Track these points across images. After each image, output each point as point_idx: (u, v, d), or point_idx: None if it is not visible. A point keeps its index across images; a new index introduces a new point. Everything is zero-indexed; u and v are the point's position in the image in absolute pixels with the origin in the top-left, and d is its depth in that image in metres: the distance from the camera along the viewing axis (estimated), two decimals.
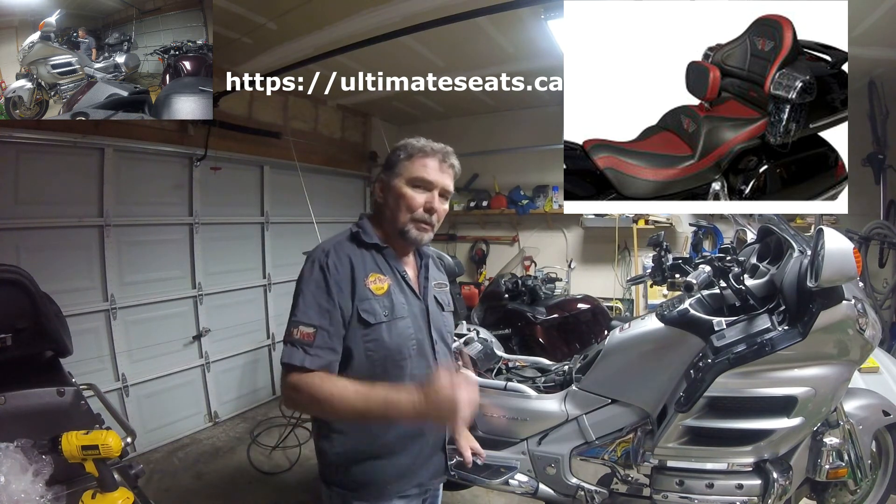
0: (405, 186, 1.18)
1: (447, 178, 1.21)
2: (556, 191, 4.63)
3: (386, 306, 1.16)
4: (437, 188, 1.19)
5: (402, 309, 1.18)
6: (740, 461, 1.71)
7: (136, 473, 1.23)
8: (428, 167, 1.19)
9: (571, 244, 4.73)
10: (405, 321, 1.18)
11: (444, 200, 1.23)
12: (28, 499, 1.10)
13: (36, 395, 1.33)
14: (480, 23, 2.73)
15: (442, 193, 1.21)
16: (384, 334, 1.15)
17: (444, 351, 1.28)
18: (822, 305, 1.55)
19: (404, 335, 1.18)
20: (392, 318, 1.16)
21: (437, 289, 1.32)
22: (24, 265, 1.60)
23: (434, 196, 1.19)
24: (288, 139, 3.84)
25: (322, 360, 1.08)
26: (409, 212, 1.18)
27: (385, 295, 1.17)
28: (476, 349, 2.47)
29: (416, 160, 1.19)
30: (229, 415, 3.70)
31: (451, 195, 1.25)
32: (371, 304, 1.14)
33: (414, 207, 1.18)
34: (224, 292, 3.68)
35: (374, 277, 1.17)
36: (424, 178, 1.18)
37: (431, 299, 1.27)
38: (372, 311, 1.14)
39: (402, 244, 1.23)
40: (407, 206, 1.18)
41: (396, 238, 1.21)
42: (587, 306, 3.39)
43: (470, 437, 1.50)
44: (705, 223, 3.56)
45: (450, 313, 1.34)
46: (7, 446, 1.14)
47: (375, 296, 1.15)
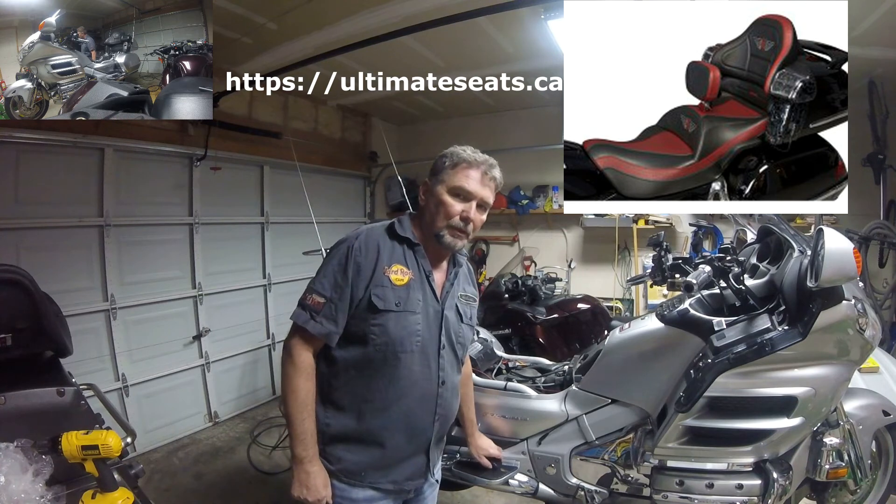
0: (446, 194, 1.23)
1: (487, 191, 1.26)
2: (556, 191, 4.63)
3: (400, 297, 1.20)
4: (475, 199, 1.24)
5: (415, 304, 1.21)
6: (740, 461, 1.71)
7: (136, 473, 1.23)
8: (470, 178, 1.23)
9: (571, 244, 4.73)
10: (415, 316, 1.21)
11: (483, 211, 1.27)
12: (28, 499, 1.10)
13: (36, 395, 1.33)
14: (480, 23, 2.73)
15: (480, 204, 1.25)
16: (390, 322, 1.18)
17: (450, 357, 1.28)
18: (822, 305, 1.55)
19: (410, 329, 1.20)
20: (403, 310, 1.19)
21: (463, 300, 1.34)
22: (24, 265, 1.59)
23: (472, 206, 1.23)
24: (288, 139, 3.83)
25: (323, 328, 1.17)
26: (447, 218, 1.23)
27: (403, 287, 1.21)
28: (476, 349, 2.47)
29: (460, 170, 1.23)
30: (229, 415, 3.70)
31: (490, 206, 1.29)
32: (385, 291, 1.19)
33: (451, 215, 1.22)
34: (224, 292, 3.68)
35: (397, 268, 1.21)
36: (464, 188, 1.22)
37: (452, 307, 1.29)
38: (383, 298, 1.18)
39: (435, 247, 1.27)
40: (445, 213, 1.23)
41: (431, 240, 1.26)
42: (587, 306, 3.39)
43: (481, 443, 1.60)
44: (705, 223, 3.56)
45: (469, 326, 1.35)
46: (7, 446, 1.14)
47: (393, 285, 1.20)
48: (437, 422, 1.27)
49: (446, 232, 1.23)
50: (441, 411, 1.27)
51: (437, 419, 1.27)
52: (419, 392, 1.23)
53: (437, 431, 1.29)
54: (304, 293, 1.21)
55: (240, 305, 3.83)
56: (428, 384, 1.24)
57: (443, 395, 1.26)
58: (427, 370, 1.23)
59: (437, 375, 1.25)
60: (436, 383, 1.25)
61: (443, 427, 1.31)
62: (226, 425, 3.59)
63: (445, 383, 1.27)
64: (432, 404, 1.25)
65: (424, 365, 1.23)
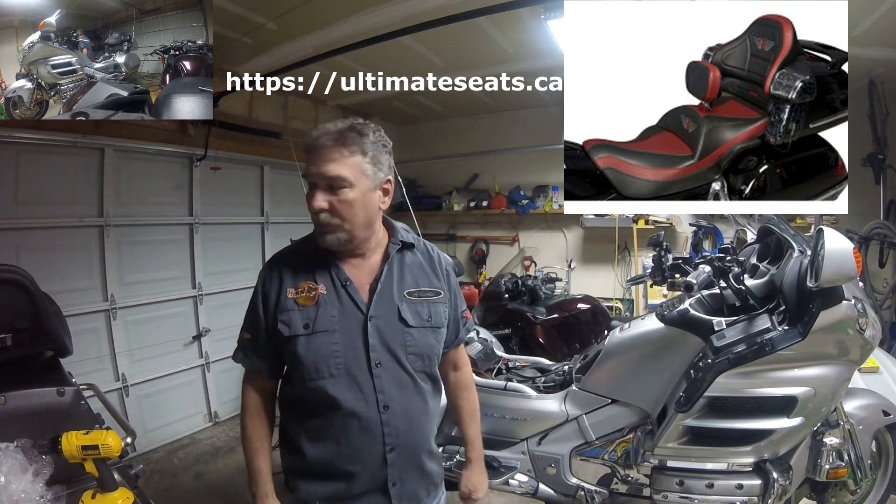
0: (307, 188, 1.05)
1: (325, 163, 1.00)
2: (556, 191, 4.63)
3: (308, 318, 1.04)
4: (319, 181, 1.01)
5: (327, 322, 1.04)
6: (740, 461, 1.71)
7: (137, 473, 1.23)
8: (311, 159, 1.02)
9: (571, 244, 4.73)
10: (328, 335, 1.04)
11: (340, 190, 1.01)
12: (28, 499, 1.10)
13: (36, 395, 1.32)
14: (480, 23, 2.72)
15: (328, 185, 1.01)
16: (300, 348, 1.04)
17: (394, 378, 1.07)
18: (822, 305, 1.55)
19: (323, 351, 1.04)
20: (312, 332, 1.04)
21: (414, 298, 1.11)
22: (24, 265, 1.59)
23: (315, 192, 1.02)
24: (288, 139, 3.83)
25: (253, 364, 1.13)
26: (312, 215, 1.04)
27: (311, 307, 1.05)
28: (476, 349, 2.47)
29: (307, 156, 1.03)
30: (229, 415, 3.69)
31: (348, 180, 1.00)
32: (290, 315, 1.05)
33: (310, 209, 1.04)
34: (224, 292, 3.68)
35: (303, 286, 1.06)
36: (308, 174, 1.03)
37: (391, 311, 1.08)
38: (289, 323, 1.05)
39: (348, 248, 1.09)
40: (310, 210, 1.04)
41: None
42: (587, 306, 3.39)
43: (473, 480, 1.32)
44: (705, 223, 3.55)
45: (423, 329, 1.11)
46: (7, 446, 1.14)
47: (300, 307, 1.05)
48: (389, 453, 1.06)
49: (318, 231, 1.06)
50: (391, 441, 1.05)
51: (389, 450, 1.06)
52: (355, 423, 1.04)
53: (398, 465, 1.07)
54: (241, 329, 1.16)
55: (240, 305, 3.74)
56: (365, 411, 1.04)
57: (388, 422, 1.05)
58: (359, 394, 1.04)
59: (375, 399, 1.04)
60: (376, 410, 1.04)
61: (407, 460, 1.09)
62: (226, 425, 3.59)
63: (390, 407, 1.05)
64: (377, 436, 1.05)
65: (354, 390, 1.04)
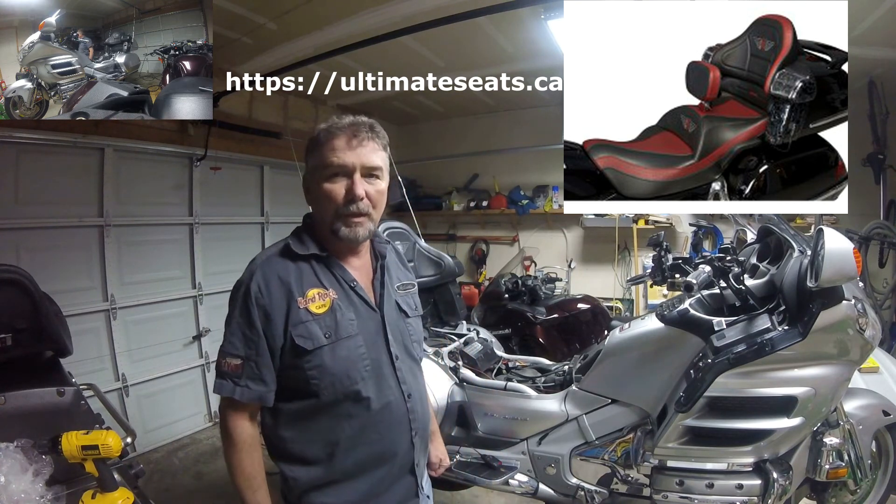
0: (323, 180, 1.03)
1: (367, 152, 1.03)
2: (556, 191, 4.63)
3: (328, 326, 1.02)
4: (355, 168, 1.02)
5: (349, 326, 1.04)
6: (740, 461, 1.71)
7: (137, 473, 1.24)
8: (336, 149, 1.02)
9: (571, 244, 4.73)
10: (354, 339, 1.04)
11: (375, 180, 1.05)
12: (28, 499, 1.10)
13: (36, 395, 1.33)
14: (480, 23, 2.73)
15: (366, 173, 1.03)
16: (326, 359, 1.01)
17: (409, 367, 1.13)
18: (822, 305, 1.55)
19: (353, 357, 1.03)
20: (336, 339, 1.02)
21: (402, 292, 1.16)
22: (24, 265, 1.60)
23: (356, 179, 1.02)
24: (288, 139, 3.84)
25: (252, 392, 1.01)
26: (334, 207, 1.03)
27: (328, 313, 1.02)
28: (476, 349, 2.47)
29: (325, 147, 1.03)
30: None
31: (381, 170, 1.06)
32: (308, 327, 1.01)
33: (336, 201, 1.02)
34: (224, 292, 3.63)
35: (313, 294, 1.03)
36: (335, 163, 1.02)
37: (392, 307, 1.12)
38: (309, 336, 1.00)
39: (343, 248, 1.08)
40: (329, 202, 1.03)
41: (333, 241, 1.07)
42: (587, 306, 3.39)
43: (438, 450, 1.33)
44: (705, 223, 3.55)
45: (416, 318, 1.18)
46: (7, 446, 1.14)
47: (315, 316, 1.01)
48: (415, 437, 1.11)
49: (341, 224, 1.03)
50: (416, 426, 1.11)
51: (415, 434, 1.11)
52: (388, 417, 1.07)
53: (419, 447, 1.14)
54: (218, 358, 1.03)
55: None
56: (395, 405, 1.08)
57: (413, 408, 1.10)
58: (388, 390, 1.07)
59: (401, 391, 1.09)
60: (402, 400, 1.09)
61: (423, 439, 1.16)
62: None
63: (412, 395, 1.11)
64: (405, 423, 1.09)
65: (384, 386, 1.06)
